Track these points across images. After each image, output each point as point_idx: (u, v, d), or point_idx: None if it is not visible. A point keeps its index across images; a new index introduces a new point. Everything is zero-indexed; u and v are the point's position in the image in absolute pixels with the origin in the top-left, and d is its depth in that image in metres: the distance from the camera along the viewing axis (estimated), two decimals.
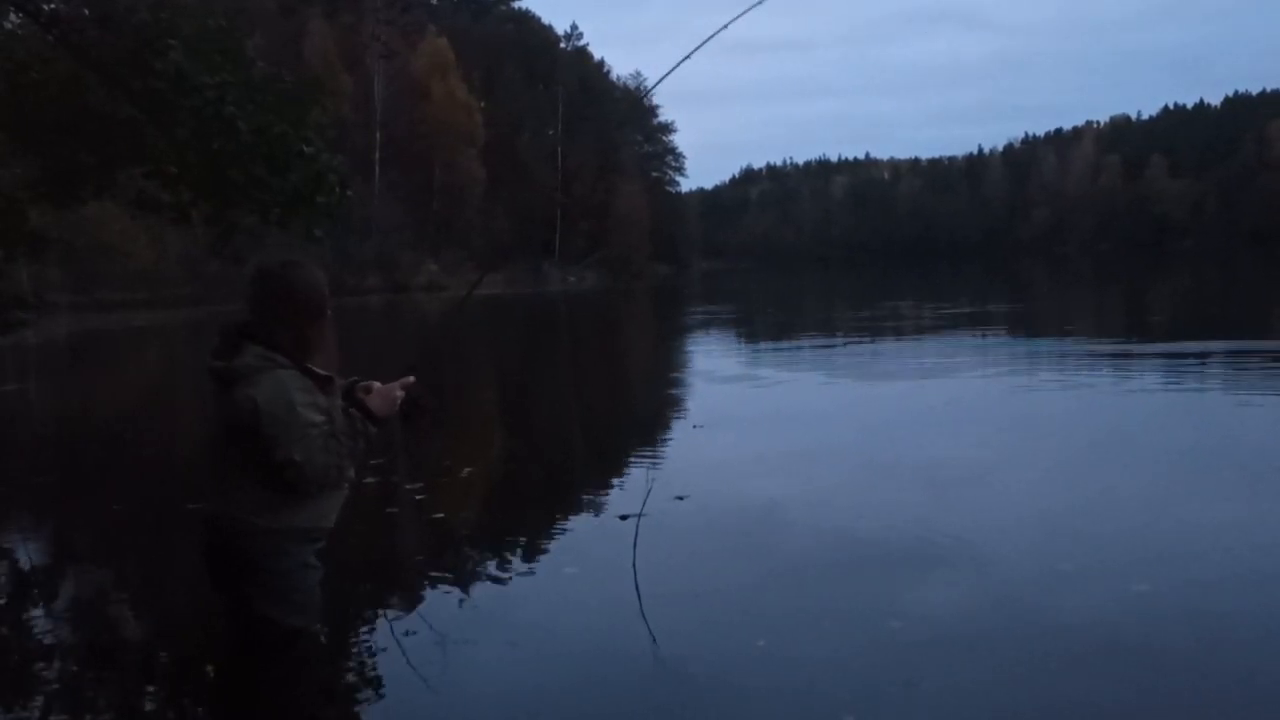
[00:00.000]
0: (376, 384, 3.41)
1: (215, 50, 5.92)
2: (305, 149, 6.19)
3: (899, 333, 19.64)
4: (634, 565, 4.36)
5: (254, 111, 5.96)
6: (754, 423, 9.12)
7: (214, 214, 6.78)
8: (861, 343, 17.70)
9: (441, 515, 5.88)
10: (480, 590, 4.46)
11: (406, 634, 3.86)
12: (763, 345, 19.00)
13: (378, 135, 59.95)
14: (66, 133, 6.40)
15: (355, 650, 3.80)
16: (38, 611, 4.41)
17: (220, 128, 5.89)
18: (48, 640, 4.00)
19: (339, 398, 3.32)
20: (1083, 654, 3.45)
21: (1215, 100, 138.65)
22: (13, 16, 6.98)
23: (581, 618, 4.03)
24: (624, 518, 5.28)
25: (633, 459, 7.71)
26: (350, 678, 3.60)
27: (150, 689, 3.54)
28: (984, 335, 18.87)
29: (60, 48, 6.44)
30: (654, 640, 3.64)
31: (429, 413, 3.48)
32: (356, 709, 3.40)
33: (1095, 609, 3.89)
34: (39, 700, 3.39)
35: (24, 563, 5.30)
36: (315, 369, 3.21)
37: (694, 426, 8.76)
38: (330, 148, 6.69)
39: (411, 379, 3.37)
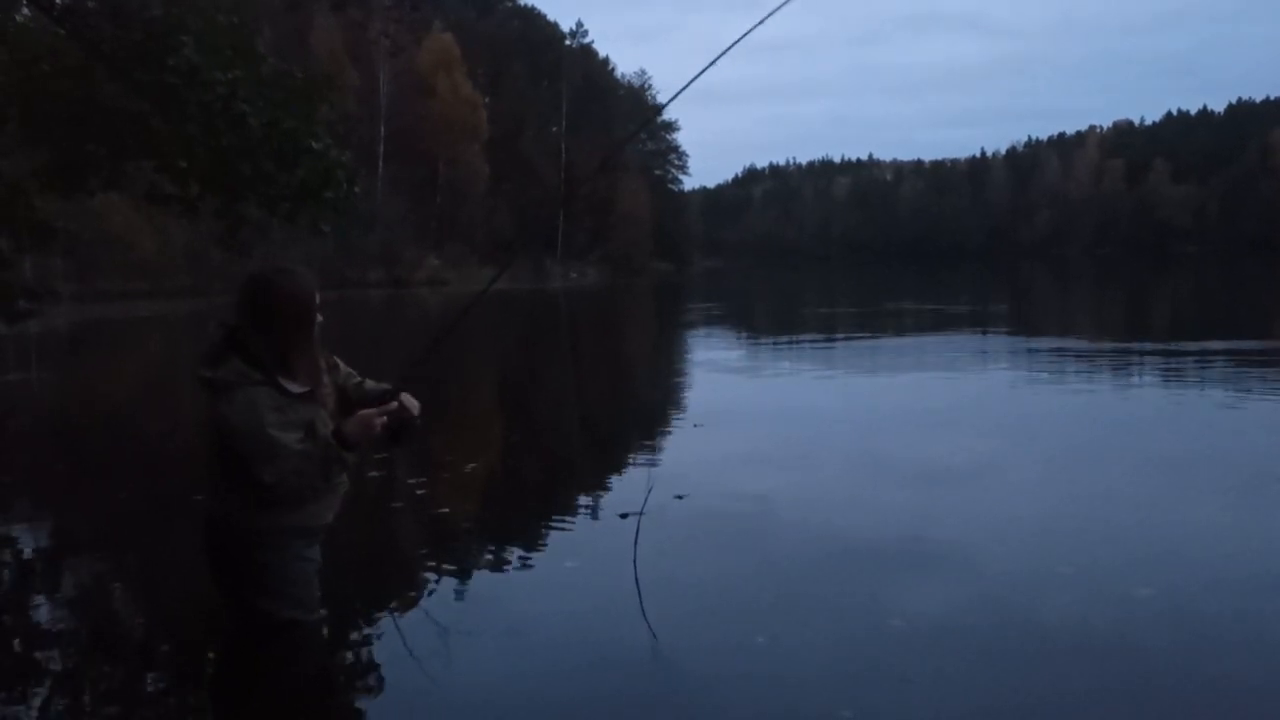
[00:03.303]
0: (407, 397, 3.43)
1: (227, 46, 5.97)
2: (314, 144, 6.25)
3: (899, 331, 19.68)
4: (634, 561, 4.41)
5: (264, 107, 6.01)
6: (754, 420, 9.17)
7: (222, 207, 6.83)
8: (861, 340, 17.75)
9: (444, 510, 5.93)
10: (481, 582, 4.52)
11: (407, 624, 3.91)
12: (763, 342, 19.05)
13: (382, 129, 59.95)
14: (76, 124, 6.44)
15: (356, 640, 3.85)
16: (40, 599, 4.45)
17: (230, 122, 5.94)
18: (50, 627, 4.05)
19: (320, 408, 3.36)
20: (1085, 655, 3.49)
21: (1219, 106, 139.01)
22: (25, 9, 7.03)
23: (582, 610, 4.08)
24: (624, 516, 5.32)
25: (633, 457, 7.76)
26: (351, 667, 3.65)
27: (151, 677, 3.59)
28: (984, 334, 18.94)
29: (71, 40, 6.48)
30: (653, 634, 3.69)
31: (417, 432, 3.52)
32: (357, 698, 3.45)
33: (1097, 612, 3.93)
34: (41, 686, 3.44)
35: (27, 550, 5.34)
36: (290, 386, 3.26)
37: (694, 425, 8.79)
38: (339, 143, 6.74)
39: (395, 405, 3.40)
